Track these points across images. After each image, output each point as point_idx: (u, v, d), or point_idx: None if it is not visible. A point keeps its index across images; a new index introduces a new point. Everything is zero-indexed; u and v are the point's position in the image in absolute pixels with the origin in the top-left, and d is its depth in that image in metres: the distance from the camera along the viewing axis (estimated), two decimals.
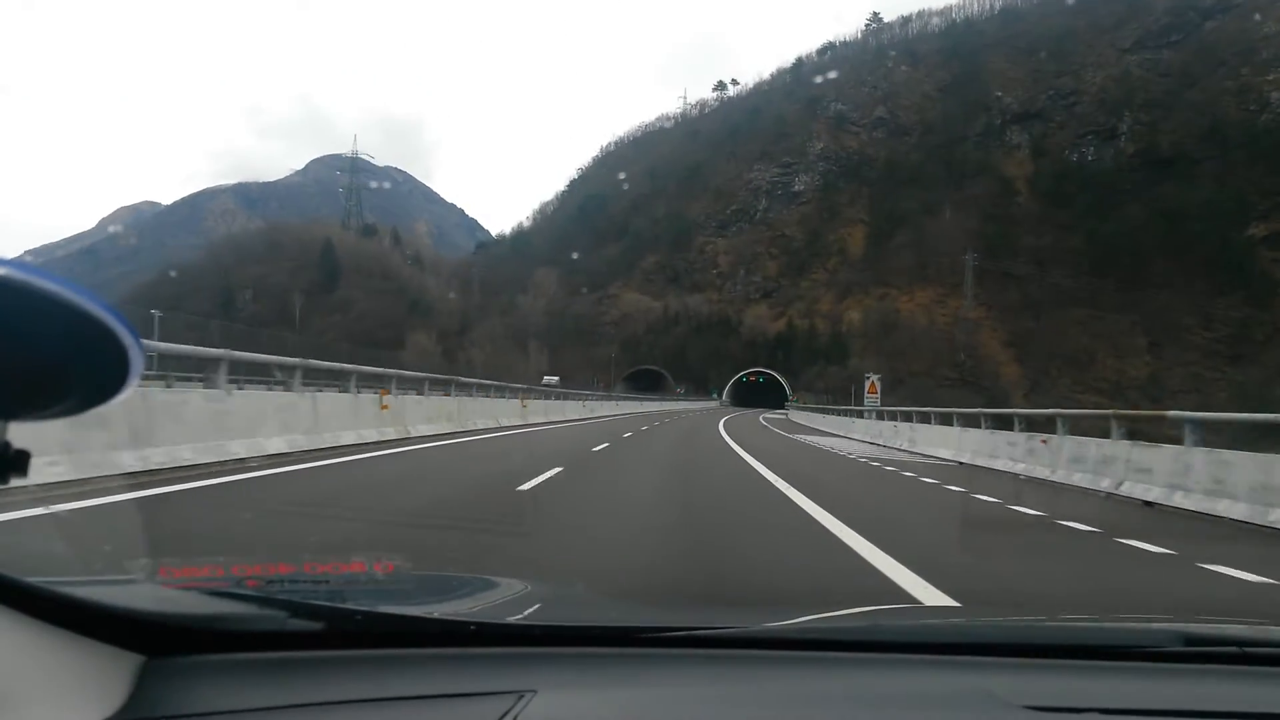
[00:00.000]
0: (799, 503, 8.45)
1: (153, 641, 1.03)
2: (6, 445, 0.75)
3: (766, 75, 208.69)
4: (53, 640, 0.92)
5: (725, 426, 34.77)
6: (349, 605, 1.28)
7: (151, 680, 0.98)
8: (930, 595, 4.23)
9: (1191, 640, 1.37)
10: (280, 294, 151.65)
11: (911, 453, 20.51)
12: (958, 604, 4.05)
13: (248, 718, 0.96)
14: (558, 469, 10.41)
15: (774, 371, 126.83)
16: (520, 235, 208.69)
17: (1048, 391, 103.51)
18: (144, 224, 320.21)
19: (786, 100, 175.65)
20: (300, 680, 1.05)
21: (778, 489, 9.92)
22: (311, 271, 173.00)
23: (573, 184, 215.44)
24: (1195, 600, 4.79)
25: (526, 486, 8.61)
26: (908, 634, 1.51)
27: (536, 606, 1.57)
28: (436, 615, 1.38)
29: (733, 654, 1.26)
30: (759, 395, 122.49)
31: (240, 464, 8.74)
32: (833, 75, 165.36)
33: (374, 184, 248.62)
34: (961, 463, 16.41)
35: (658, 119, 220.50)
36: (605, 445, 17.49)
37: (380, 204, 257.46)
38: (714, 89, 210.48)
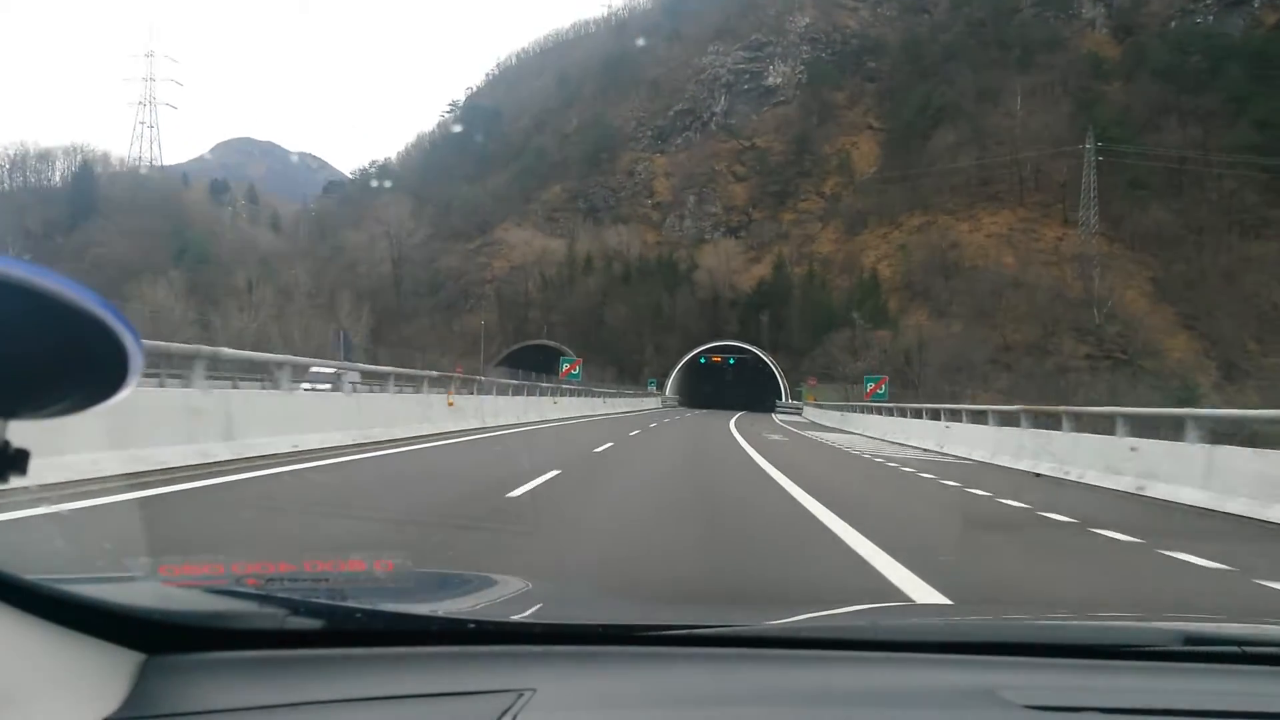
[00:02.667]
0: None
1: (153, 639, 1.02)
2: (6, 444, 0.74)
3: None
4: (53, 638, 0.92)
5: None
6: (349, 603, 1.27)
7: (151, 678, 0.98)
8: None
9: (1191, 639, 1.36)
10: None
11: None
12: (949, 601, 3.99)
13: (248, 716, 0.96)
14: None
15: (754, 348, 73.71)
16: (384, 171, 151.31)
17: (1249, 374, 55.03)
18: None
19: None
20: (300, 678, 1.05)
21: None
22: (59, 206, 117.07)
23: (460, 109, 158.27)
24: None
25: None
26: (908, 633, 1.51)
27: (537, 605, 1.61)
28: (436, 613, 1.38)
29: (733, 652, 1.26)
30: (730, 389, 69.96)
31: None
32: None
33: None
34: None
35: (574, 26, 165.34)
36: None
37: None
38: None
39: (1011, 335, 63.75)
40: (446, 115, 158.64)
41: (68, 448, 5.82)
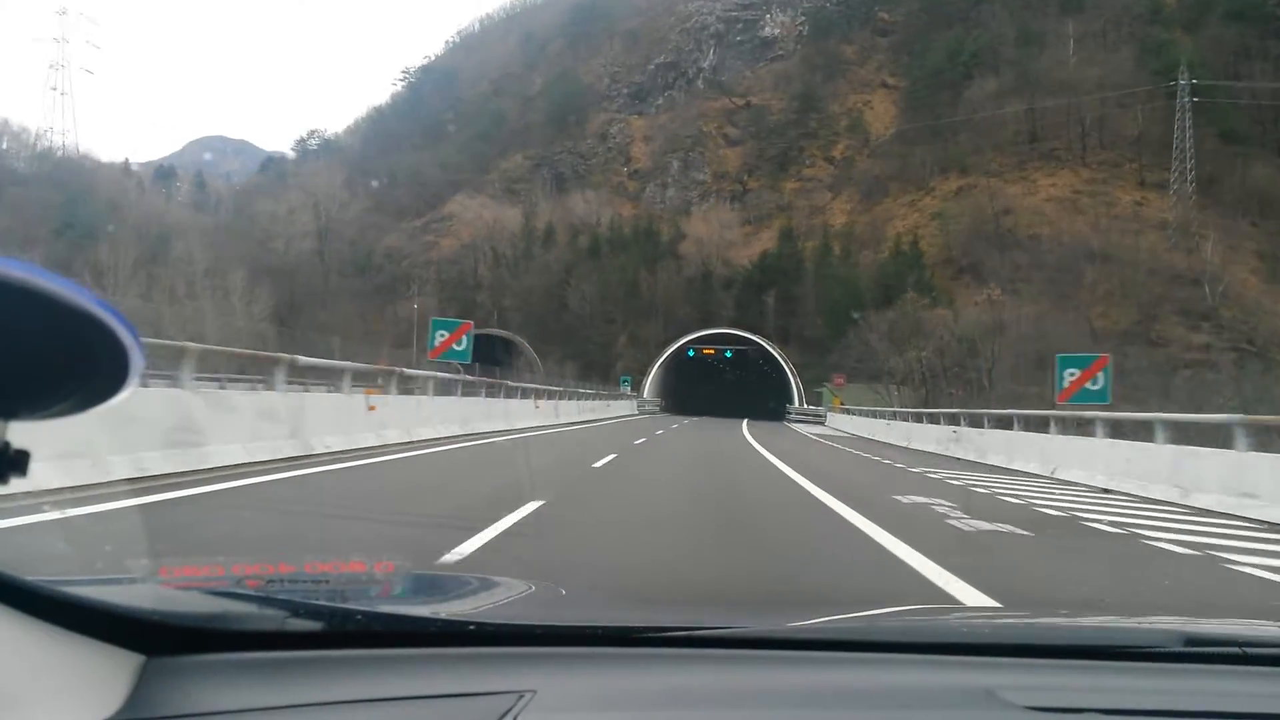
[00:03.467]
0: None
1: (153, 641, 1.02)
2: (6, 445, 0.74)
3: None
4: (53, 639, 0.91)
5: None
6: (349, 605, 1.28)
7: (152, 680, 0.97)
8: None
9: (1192, 640, 1.36)
10: None
11: None
12: (949, 605, 3.95)
13: (248, 717, 0.96)
14: None
15: (757, 337, 57.65)
16: (328, 145, 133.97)
17: None
18: None
19: None
20: (300, 680, 1.04)
21: None
22: None
23: (415, 78, 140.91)
24: None
25: None
26: (907, 634, 1.51)
27: (537, 606, 1.64)
28: (437, 615, 1.39)
29: (732, 654, 1.25)
30: (727, 390, 54.20)
31: None
32: None
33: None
34: None
35: None
36: None
37: None
38: None
39: (1099, 320, 48.19)
40: (399, 84, 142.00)
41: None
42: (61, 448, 5.68)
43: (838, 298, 53.90)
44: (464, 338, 17.17)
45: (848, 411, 41.90)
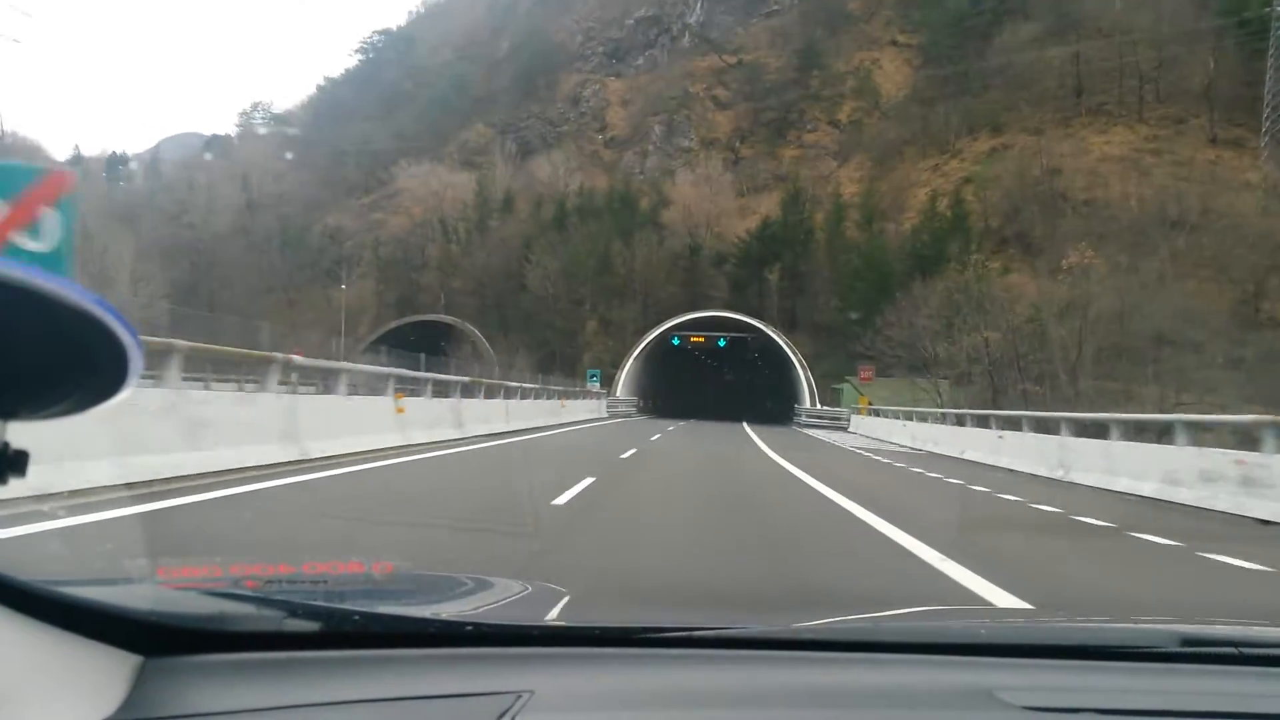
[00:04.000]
0: None
1: (151, 642, 1.02)
2: (6, 445, 0.73)
3: None
4: (51, 640, 0.91)
5: None
6: (347, 606, 1.28)
7: (149, 680, 0.97)
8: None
9: (1188, 640, 1.36)
10: None
11: None
12: (951, 606, 3.70)
13: (246, 718, 0.96)
14: None
15: (758, 322, 46.91)
16: (278, 120, 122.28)
17: None
18: None
19: None
20: (298, 680, 1.05)
21: None
22: None
23: (373, 46, 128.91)
24: None
25: None
26: (906, 634, 1.51)
27: (535, 607, 1.64)
28: (435, 615, 1.38)
29: (731, 654, 1.26)
30: (721, 387, 43.68)
31: None
32: None
33: None
34: None
35: None
36: None
37: None
38: None
39: (1194, 298, 37.86)
40: (355, 55, 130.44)
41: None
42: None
43: (859, 274, 43.27)
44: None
45: (875, 413, 31.53)
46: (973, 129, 59.85)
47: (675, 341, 46.21)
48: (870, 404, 35.05)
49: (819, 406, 41.26)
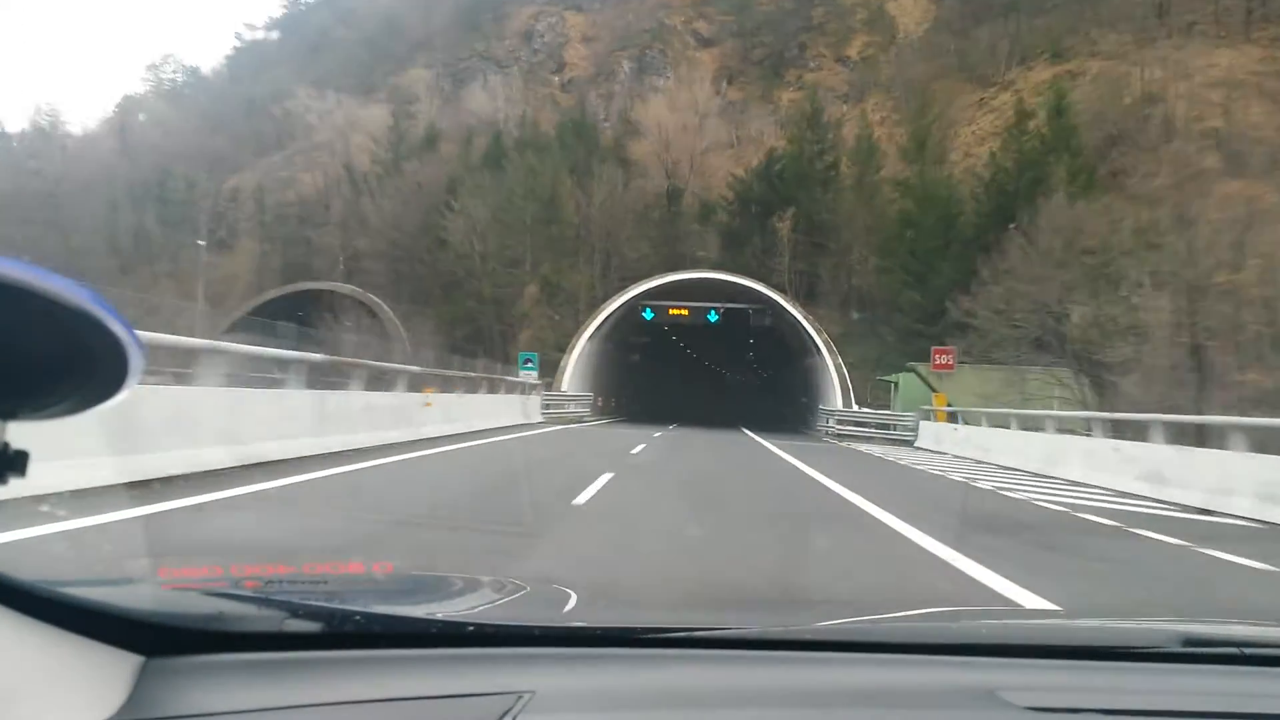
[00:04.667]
0: None
1: (152, 642, 1.02)
2: (6, 446, 0.73)
3: None
4: (51, 640, 0.91)
5: None
6: (347, 606, 1.28)
7: (150, 681, 0.97)
8: None
9: (1190, 641, 1.36)
10: None
11: None
12: (953, 607, 3.53)
13: (247, 718, 0.96)
14: None
15: (762, 285, 33.44)
16: (188, 74, 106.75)
17: None
18: None
19: None
20: (298, 681, 1.04)
21: None
22: None
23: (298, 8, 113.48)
24: None
25: None
26: (909, 635, 1.51)
27: (536, 607, 1.65)
28: (435, 616, 1.38)
29: (731, 654, 1.26)
30: (711, 381, 30.20)
31: None
32: None
33: None
34: None
35: None
36: None
37: None
38: None
39: None
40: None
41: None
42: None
43: (910, 219, 30.21)
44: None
45: (953, 417, 18.99)
46: (1024, 57, 47.50)
47: (648, 314, 32.93)
48: (948, 405, 22.24)
49: (855, 408, 28.28)
